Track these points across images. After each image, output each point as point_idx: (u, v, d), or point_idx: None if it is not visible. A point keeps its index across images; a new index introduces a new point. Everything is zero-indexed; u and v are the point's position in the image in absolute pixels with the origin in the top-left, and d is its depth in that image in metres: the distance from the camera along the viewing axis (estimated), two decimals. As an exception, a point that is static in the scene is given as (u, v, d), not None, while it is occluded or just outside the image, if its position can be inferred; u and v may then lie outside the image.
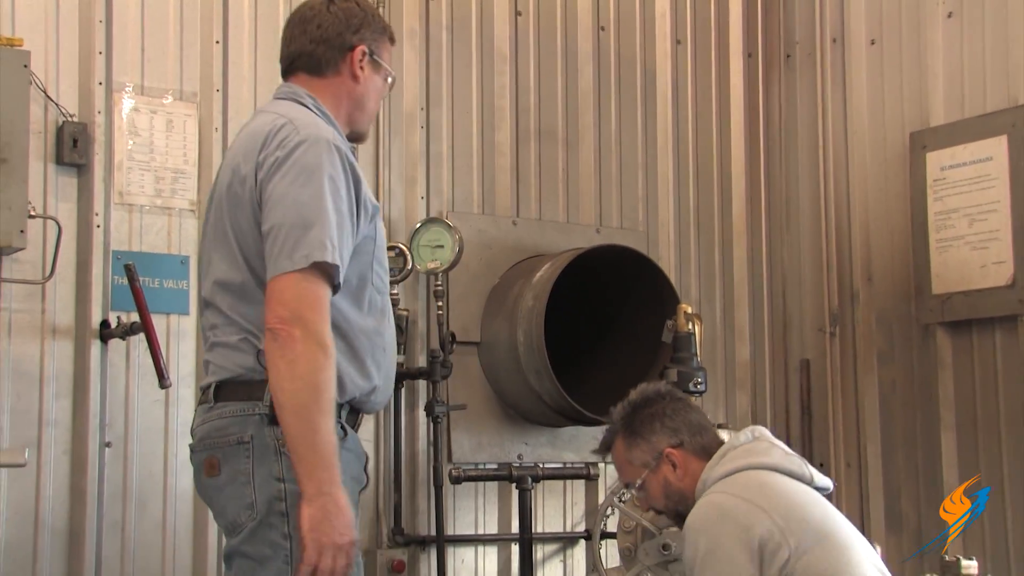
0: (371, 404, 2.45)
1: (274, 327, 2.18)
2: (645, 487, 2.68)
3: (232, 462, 2.27)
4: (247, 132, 2.41)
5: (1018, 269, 3.82)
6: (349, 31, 2.47)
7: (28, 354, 3.24)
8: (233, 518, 2.27)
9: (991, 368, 3.89)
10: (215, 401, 2.33)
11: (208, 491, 2.35)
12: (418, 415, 3.82)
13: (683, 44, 4.52)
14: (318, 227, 2.21)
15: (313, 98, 2.44)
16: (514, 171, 4.13)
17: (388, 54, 2.54)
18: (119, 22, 3.43)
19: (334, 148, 2.29)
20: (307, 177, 2.24)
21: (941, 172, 4.09)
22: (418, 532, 3.78)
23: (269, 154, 2.28)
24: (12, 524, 3.18)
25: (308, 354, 2.16)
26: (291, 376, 2.16)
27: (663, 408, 2.71)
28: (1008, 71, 3.92)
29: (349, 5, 2.50)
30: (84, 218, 3.36)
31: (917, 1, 4.22)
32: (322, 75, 2.47)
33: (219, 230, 2.37)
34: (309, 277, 2.20)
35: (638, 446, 2.69)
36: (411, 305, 3.84)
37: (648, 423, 2.69)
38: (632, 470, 2.70)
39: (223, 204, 2.37)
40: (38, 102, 3.25)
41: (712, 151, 4.55)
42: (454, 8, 4.04)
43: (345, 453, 2.34)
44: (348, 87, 2.48)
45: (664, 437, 2.67)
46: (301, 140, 2.27)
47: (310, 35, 2.48)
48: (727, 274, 4.54)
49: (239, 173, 2.33)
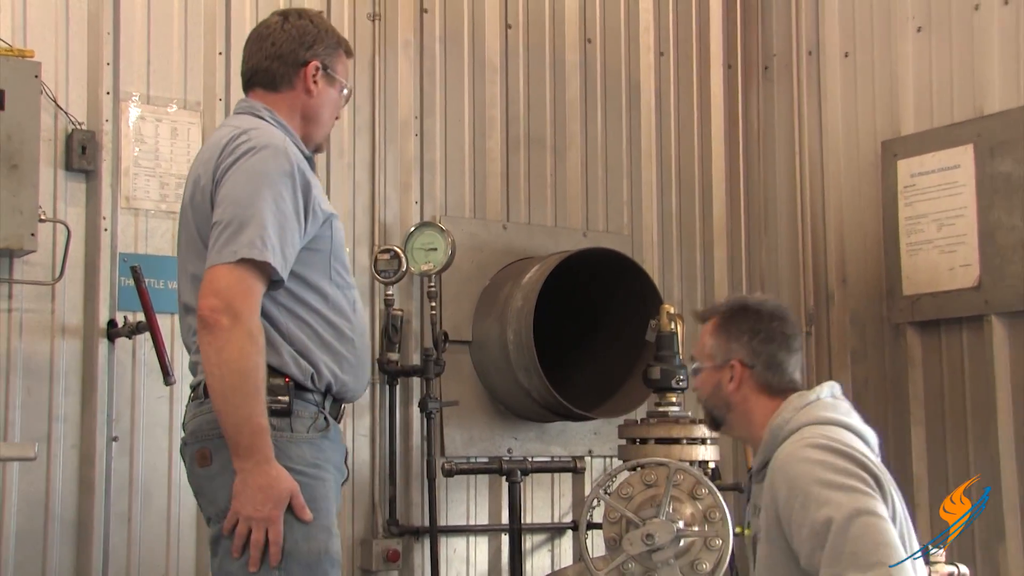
0: (350, 392, 2.50)
1: (204, 315, 2.25)
2: (700, 375, 2.58)
3: (223, 453, 2.31)
4: (207, 145, 2.48)
5: (984, 272, 3.82)
6: (303, 47, 2.53)
7: (38, 352, 3.25)
8: (224, 505, 2.31)
9: (958, 366, 3.89)
10: (204, 398, 2.37)
11: (200, 480, 2.40)
12: (412, 411, 3.82)
13: (666, 56, 4.52)
14: (252, 226, 2.26)
15: (270, 111, 2.50)
16: (504, 177, 4.13)
17: (343, 67, 2.59)
18: (126, 34, 3.44)
19: (283, 155, 2.34)
20: (251, 181, 2.31)
21: (911, 179, 4.09)
22: (412, 523, 3.79)
23: (222, 161, 2.35)
24: (23, 515, 3.19)
25: (236, 341, 2.23)
26: (219, 362, 2.23)
27: (762, 328, 2.53)
28: (974, 83, 3.92)
29: (303, 23, 2.56)
30: (92, 222, 3.36)
31: (888, 16, 4.22)
32: (277, 90, 2.53)
33: (191, 240, 2.43)
34: (239, 270, 2.26)
35: (719, 338, 2.55)
36: (406, 305, 3.84)
37: (740, 330, 2.53)
38: (700, 351, 2.59)
39: (189, 215, 2.44)
40: (48, 111, 3.26)
41: (694, 158, 4.55)
42: (447, 21, 4.05)
43: (328, 443, 2.40)
44: (302, 101, 2.53)
45: (742, 351, 2.52)
46: (251, 147, 2.34)
47: (265, 52, 2.54)
48: (708, 276, 4.54)
49: (199, 184, 2.41)
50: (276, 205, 2.30)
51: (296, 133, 2.51)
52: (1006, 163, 3.79)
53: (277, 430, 2.32)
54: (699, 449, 3.38)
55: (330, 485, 2.42)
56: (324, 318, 2.42)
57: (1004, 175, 3.79)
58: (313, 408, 2.40)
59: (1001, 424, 3.75)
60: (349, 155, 3.84)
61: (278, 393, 2.34)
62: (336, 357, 2.43)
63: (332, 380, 2.42)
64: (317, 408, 2.40)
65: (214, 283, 2.27)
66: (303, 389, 2.38)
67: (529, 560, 3.96)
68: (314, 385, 2.39)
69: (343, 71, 2.58)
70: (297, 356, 2.37)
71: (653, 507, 3.01)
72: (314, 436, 2.38)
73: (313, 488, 2.36)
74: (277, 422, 2.32)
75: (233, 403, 2.25)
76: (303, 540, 2.33)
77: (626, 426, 3.56)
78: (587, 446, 4.15)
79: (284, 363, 2.37)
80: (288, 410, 2.34)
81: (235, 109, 2.60)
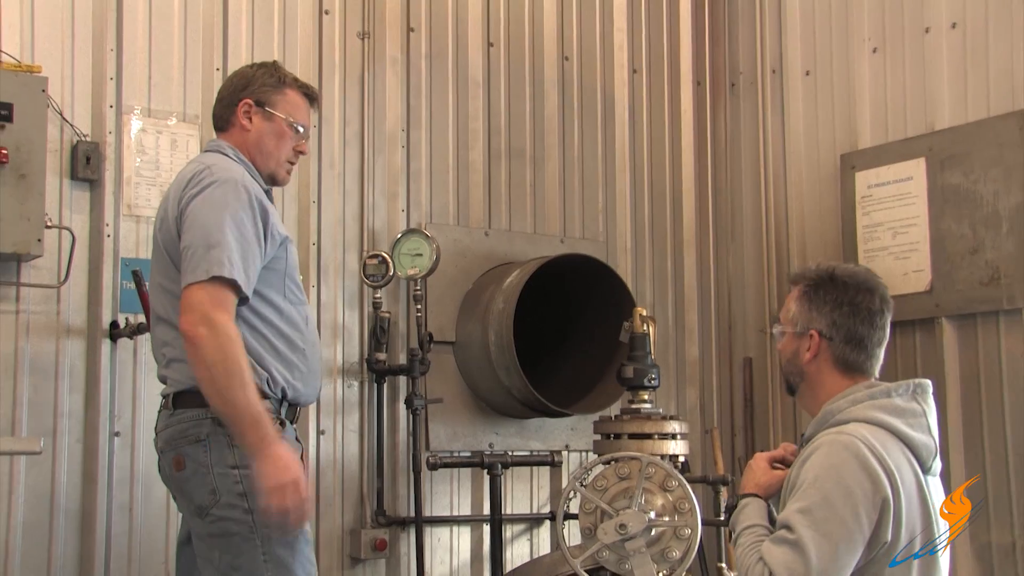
0: (302, 397, 2.62)
1: (185, 330, 2.38)
2: (784, 339, 2.43)
3: (194, 457, 2.45)
4: (176, 179, 2.61)
5: (935, 277, 3.87)
6: (237, 90, 2.70)
7: (45, 352, 3.25)
8: (200, 502, 2.45)
9: (911, 364, 3.93)
10: (174, 408, 2.51)
11: (177, 483, 2.52)
12: (399, 408, 3.82)
13: (639, 73, 4.53)
14: (218, 248, 2.40)
15: (233, 149, 2.65)
16: (486, 186, 4.13)
17: (287, 104, 2.70)
18: (128, 51, 3.44)
19: (241, 187, 2.49)
20: (215, 209, 2.45)
21: (868, 190, 4.12)
22: (399, 514, 3.80)
23: (187, 191, 2.49)
24: (30, 506, 3.19)
25: (215, 343, 2.35)
26: (205, 366, 2.36)
27: (846, 300, 2.36)
28: (925, 100, 3.96)
29: (248, 70, 2.75)
30: (96, 228, 3.36)
31: (846, 37, 4.26)
32: (225, 130, 2.71)
33: (162, 263, 2.56)
34: (210, 286, 2.39)
35: (802, 305, 2.39)
36: (393, 308, 3.85)
37: (823, 300, 2.37)
38: (785, 317, 2.44)
39: (158, 237, 2.57)
40: (54, 123, 3.27)
41: (665, 169, 4.56)
42: (432, 39, 4.06)
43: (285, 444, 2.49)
44: (242, 136, 2.68)
45: (823, 322, 2.35)
46: (213, 180, 2.49)
47: (217, 99, 2.75)
48: (678, 280, 4.55)
49: (170, 214, 2.54)
50: (239, 230, 2.45)
51: (254, 166, 2.66)
52: (955, 175, 3.84)
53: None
54: (670, 444, 3.38)
55: None
56: (278, 330, 2.56)
57: (953, 187, 3.85)
58: (271, 414, 2.49)
59: (950, 418, 3.80)
60: (340, 165, 3.85)
61: None
62: (288, 365, 2.56)
63: (286, 386, 2.55)
64: (274, 414, 2.51)
65: (189, 300, 2.41)
66: (261, 396, 2.47)
67: (509, 549, 3.98)
68: (270, 390, 2.52)
69: (287, 107, 2.70)
70: (254, 363, 2.48)
71: (626, 498, 3.02)
72: None
73: None
74: None
75: (229, 399, 2.36)
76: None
77: (601, 422, 3.54)
78: (564, 441, 4.16)
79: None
80: None
81: (205, 147, 2.76)
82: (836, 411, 2.31)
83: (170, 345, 2.55)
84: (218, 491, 2.44)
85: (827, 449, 2.23)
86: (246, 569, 2.44)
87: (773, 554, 2.18)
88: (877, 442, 2.22)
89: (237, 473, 2.44)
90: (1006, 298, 3.68)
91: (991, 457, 3.71)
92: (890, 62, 4.10)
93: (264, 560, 2.43)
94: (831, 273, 2.41)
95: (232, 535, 2.44)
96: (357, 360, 3.81)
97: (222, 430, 2.46)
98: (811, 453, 2.26)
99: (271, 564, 2.44)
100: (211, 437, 2.46)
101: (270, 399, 2.52)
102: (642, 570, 2.90)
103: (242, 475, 2.44)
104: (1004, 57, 3.75)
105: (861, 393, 2.32)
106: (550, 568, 3.56)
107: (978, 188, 3.78)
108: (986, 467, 3.72)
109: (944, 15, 3.93)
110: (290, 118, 2.70)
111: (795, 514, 2.18)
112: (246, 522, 2.43)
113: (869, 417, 2.26)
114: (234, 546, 2.44)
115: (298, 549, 2.48)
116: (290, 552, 2.46)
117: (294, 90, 2.74)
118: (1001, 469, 3.68)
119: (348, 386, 3.78)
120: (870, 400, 2.29)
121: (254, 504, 2.42)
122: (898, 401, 2.29)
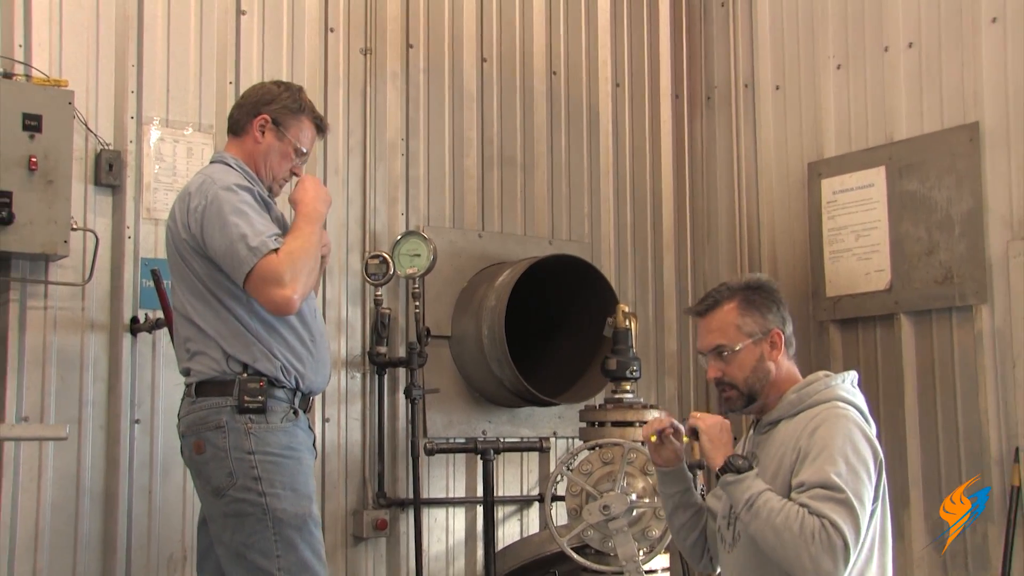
0: (315, 385, 2.66)
1: (275, 304, 2.48)
2: (739, 355, 2.37)
3: (213, 442, 2.50)
4: (184, 189, 2.68)
5: (895, 276, 3.90)
6: (260, 103, 2.74)
7: (70, 345, 3.27)
8: (217, 484, 2.50)
9: (873, 357, 3.97)
10: (196, 396, 2.55)
11: (197, 465, 2.56)
12: (398, 398, 3.85)
13: (621, 87, 4.56)
14: (243, 238, 2.48)
15: (235, 159, 2.70)
16: (480, 192, 4.15)
17: (299, 131, 2.75)
18: (148, 67, 3.47)
19: (236, 189, 2.56)
20: (220, 214, 2.52)
21: (833, 196, 4.15)
22: (398, 496, 3.82)
23: (196, 205, 2.55)
24: (58, 488, 3.22)
25: (292, 271, 2.49)
26: (299, 266, 2.51)
27: (778, 298, 2.46)
28: (885, 113, 4.00)
29: (274, 88, 2.78)
30: (117, 231, 3.39)
31: (812, 55, 4.29)
32: (238, 135, 2.75)
33: (177, 265, 2.62)
34: (253, 274, 2.47)
35: (752, 316, 2.40)
36: (393, 304, 3.87)
37: (767, 303, 2.42)
38: (735, 335, 2.39)
39: (175, 245, 2.62)
40: (80, 133, 3.29)
41: (646, 176, 4.59)
42: (430, 55, 4.08)
43: (299, 431, 2.57)
44: (252, 147, 2.73)
45: (776, 320, 2.41)
46: (217, 188, 2.55)
47: (238, 103, 2.79)
48: (658, 279, 4.58)
49: (179, 223, 2.61)
50: (246, 216, 2.52)
51: (254, 175, 2.71)
52: (912, 182, 3.89)
53: (256, 423, 2.49)
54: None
55: (306, 464, 2.59)
56: (288, 323, 2.59)
57: (911, 193, 3.89)
58: (285, 404, 2.56)
59: (908, 407, 3.86)
60: (344, 172, 3.88)
61: (255, 394, 2.51)
62: (299, 356, 2.60)
63: (298, 376, 2.58)
64: (288, 403, 2.56)
65: (254, 291, 2.49)
66: (276, 386, 2.54)
67: (501, 528, 3.99)
68: (285, 378, 2.56)
69: (298, 134, 2.75)
70: (268, 354, 2.54)
71: (610, 481, 3.10)
72: (287, 425, 2.55)
73: (292, 467, 2.53)
74: (256, 417, 2.50)
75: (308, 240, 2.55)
76: (291, 506, 2.50)
77: (586, 411, 3.59)
78: (552, 428, 4.18)
79: (255, 359, 2.53)
80: (263, 407, 2.51)
81: (211, 159, 2.81)
82: (813, 392, 2.35)
83: (192, 340, 2.60)
84: (235, 474, 2.49)
85: (834, 422, 2.26)
86: (258, 548, 2.48)
87: (829, 511, 2.13)
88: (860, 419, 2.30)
89: (253, 459, 2.50)
90: (958, 295, 3.73)
91: (944, 440, 3.76)
92: (853, 78, 4.14)
93: (275, 540, 2.47)
94: (751, 282, 2.47)
95: (246, 516, 2.49)
96: (360, 353, 3.84)
97: (241, 418, 2.51)
98: (816, 427, 2.26)
99: (281, 544, 2.48)
100: (230, 424, 2.51)
101: (284, 388, 2.57)
102: (624, 548, 2.95)
103: (258, 460, 2.50)
104: (956, 74, 3.79)
105: (825, 380, 2.38)
106: (539, 546, 3.60)
107: (933, 194, 3.83)
108: (939, 450, 3.77)
109: (902, 35, 3.97)
110: (297, 143, 2.75)
111: (832, 476, 2.17)
112: (260, 504, 2.48)
113: (842, 397, 2.33)
114: (247, 526, 2.49)
115: (307, 530, 2.52)
116: (299, 533, 2.50)
117: (309, 120, 2.78)
118: (953, 452, 3.73)
119: (351, 377, 3.81)
120: (836, 385, 2.37)
121: (268, 488, 2.47)
122: (850, 386, 2.40)
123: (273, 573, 2.47)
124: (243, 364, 2.54)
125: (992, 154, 3.67)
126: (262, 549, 2.48)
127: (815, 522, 2.13)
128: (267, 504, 2.48)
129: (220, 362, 2.55)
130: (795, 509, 2.16)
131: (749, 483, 2.24)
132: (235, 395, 2.51)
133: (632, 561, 2.94)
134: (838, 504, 2.15)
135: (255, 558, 2.48)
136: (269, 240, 2.50)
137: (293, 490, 2.53)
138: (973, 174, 3.71)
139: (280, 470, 2.51)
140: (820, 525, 2.13)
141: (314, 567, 2.52)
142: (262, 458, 2.49)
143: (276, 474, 2.51)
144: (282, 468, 2.52)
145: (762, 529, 2.19)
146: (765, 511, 2.19)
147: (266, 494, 2.48)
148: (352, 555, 3.76)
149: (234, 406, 2.50)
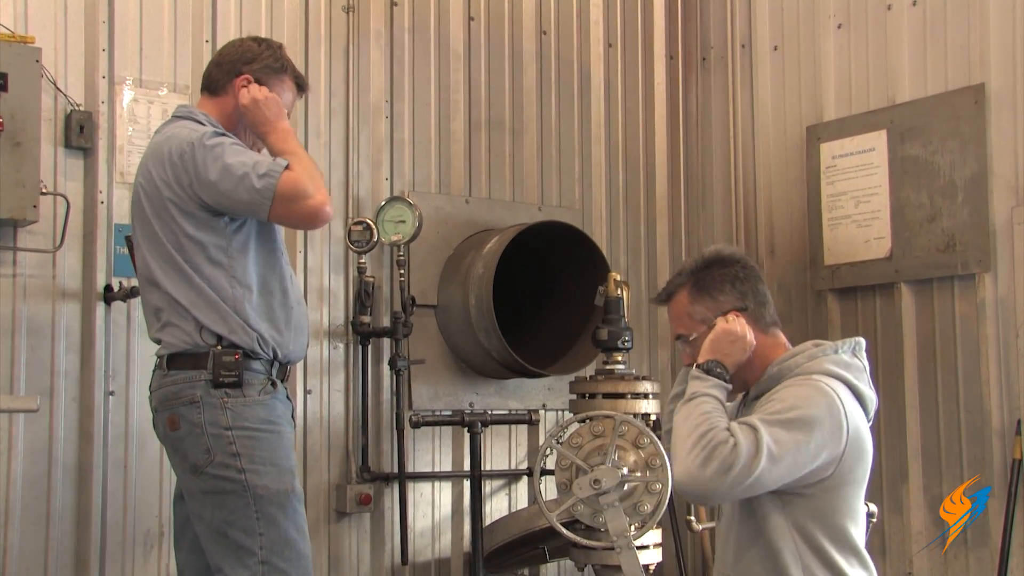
0: (292, 354, 2.63)
1: (309, 221, 2.54)
2: (699, 342, 2.35)
3: (188, 417, 2.46)
4: (154, 148, 2.61)
5: (895, 244, 3.91)
6: (241, 62, 2.69)
7: (41, 314, 3.24)
8: (194, 461, 2.47)
9: (872, 327, 3.98)
10: (168, 369, 2.51)
11: (172, 442, 2.53)
12: (383, 369, 3.84)
13: (614, 47, 4.53)
14: (253, 167, 2.47)
15: (205, 115, 2.65)
16: (467, 156, 4.12)
17: (281, 91, 2.71)
18: (120, 22, 3.41)
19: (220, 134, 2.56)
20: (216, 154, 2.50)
21: (832, 160, 4.15)
22: (383, 470, 3.82)
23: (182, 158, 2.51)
24: (29, 461, 3.20)
25: (306, 179, 2.50)
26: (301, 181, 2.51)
27: (736, 271, 2.37)
28: (887, 75, 3.99)
29: (255, 45, 2.73)
30: (90, 195, 3.35)
31: (812, 14, 4.27)
32: (215, 94, 2.70)
33: (148, 229, 2.56)
34: (279, 187, 2.47)
35: (703, 302, 2.36)
36: (377, 273, 3.85)
37: (719, 282, 2.35)
38: (690, 323, 2.37)
39: (150, 207, 2.56)
40: (48, 93, 3.24)
41: (639, 140, 4.56)
42: (415, 13, 4.04)
43: (277, 403, 2.54)
44: (232, 106, 2.68)
45: (731, 299, 2.34)
46: (200, 137, 2.52)
47: (215, 61, 2.73)
48: (651, 246, 4.56)
49: (156, 180, 2.54)
50: (238, 155, 2.50)
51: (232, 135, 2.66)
52: (915, 147, 3.88)
53: (232, 397, 2.46)
54: (642, 403, 3.42)
55: (287, 437, 2.56)
56: (268, 287, 2.57)
57: (913, 158, 3.88)
58: (262, 376, 2.53)
59: (907, 378, 3.87)
60: (325, 135, 3.84)
61: (230, 368, 2.47)
62: (276, 325, 2.56)
63: (276, 345, 2.55)
64: (265, 375, 2.53)
65: (284, 214, 2.50)
66: (252, 357, 2.50)
67: (488, 503, 4.00)
68: (262, 350, 2.52)
69: (280, 94, 2.70)
70: (244, 325, 2.50)
71: (600, 455, 3.02)
72: (264, 398, 2.51)
73: (273, 441, 2.50)
74: (232, 391, 2.46)
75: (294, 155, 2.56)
76: (272, 483, 2.48)
77: (576, 382, 3.59)
78: (541, 400, 4.19)
79: (231, 330, 2.49)
80: (239, 381, 2.48)
81: (174, 113, 2.72)
82: (793, 367, 2.31)
83: (164, 309, 2.56)
84: (212, 451, 2.46)
85: (799, 387, 2.24)
86: (239, 526, 2.47)
87: (739, 433, 2.15)
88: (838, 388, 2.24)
89: (231, 434, 2.47)
90: (960, 264, 3.73)
91: (944, 413, 3.78)
92: (854, 38, 4.13)
93: (257, 518, 2.46)
94: (703, 260, 2.42)
95: (226, 493, 2.47)
96: (342, 323, 3.82)
97: (216, 392, 2.48)
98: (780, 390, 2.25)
99: (263, 521, 2.46)
100: (204, 399, 2.48)
101: (261, 359, 2.54)
102: (615, 523, 2.94)
103: (236, 436, 2.47)
104: (962, 34, 3.77)
105: (813, 350, 2.33)
106: (527, 521, 3.60)
107: (936, 159, 3.82)
108: (939, 422, 3.79)
109: (906, -7, 3.95)
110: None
111: (756, 420, 2.16)
112: (240, 481, 2.46)
113: (826, 370, 2.28)
114: (228, 504, 2.47)
115: (290, 507, 2.50)
116: (281, 510, 2.49)
117: (291, 79, 2.75)
118: (953, 424, 3.75)
119: (334, 348, 3.80)
120: (823, 356, 2.31)
121: (248, 464, 2.45)
122: (844, 357, 2.32)
123: (255, 551, 2.46)
124: (217, 336, 2.51)
125: (998, 117, 3.66)
126: (244, 527, 2.47)
127: (721, 435, 2.15)
128: (247, 481, 2.46)
129: (192, 334, 2.51)
130: (720, 422, 2.18)
131: (708, 387, 2.27)
132: (209, 368, 2.48)
133: (623, 536, 2.93)
134: (751, 430, 2.14)
135: (236, 536, 2.47)
136: (276, 164, 2.49)
137: (274, 465, 2.51)
138: (978, 138, 3.70)
139: (260, 445, 2.49)
140: (722, 439, 2.14)
141: (297, 544, 2.52)
142: (240, 433, 2.46)
143: (256, 450, 2.49)
144: (262, 443, 2.49)
145: (683, 418, 2.24)
146: (697, 410, 2.22)
147: (246, 471, 2.46)
148: (335, 531, 3.76)
149: (208, 380, 2.48)
